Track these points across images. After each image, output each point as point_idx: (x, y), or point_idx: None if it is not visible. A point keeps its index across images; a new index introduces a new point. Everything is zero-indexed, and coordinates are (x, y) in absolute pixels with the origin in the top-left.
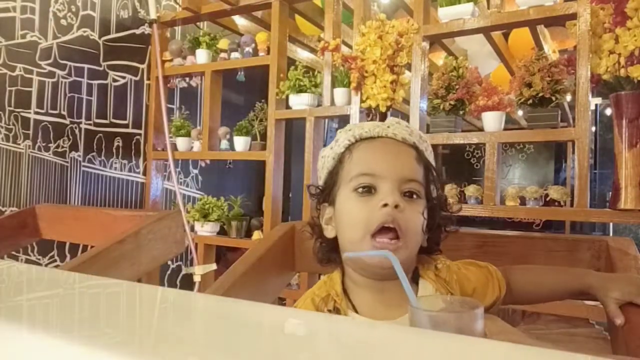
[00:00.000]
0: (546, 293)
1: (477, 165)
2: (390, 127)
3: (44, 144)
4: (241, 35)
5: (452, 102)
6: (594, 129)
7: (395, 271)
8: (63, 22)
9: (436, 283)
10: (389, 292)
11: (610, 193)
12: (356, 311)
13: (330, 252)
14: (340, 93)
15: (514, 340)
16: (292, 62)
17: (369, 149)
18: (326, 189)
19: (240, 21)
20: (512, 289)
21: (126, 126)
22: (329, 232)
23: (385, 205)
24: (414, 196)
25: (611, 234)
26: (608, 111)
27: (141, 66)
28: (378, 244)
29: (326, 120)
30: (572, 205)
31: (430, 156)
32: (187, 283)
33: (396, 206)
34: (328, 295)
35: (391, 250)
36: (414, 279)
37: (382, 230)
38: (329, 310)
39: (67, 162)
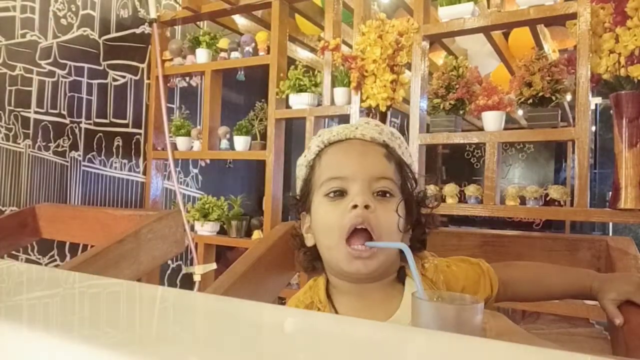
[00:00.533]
0: (544, 292)
1: (477, 165)
2: (358, 128)
3: (44, 144)
4: (241, 34)
5: (452, 102)
6: (593, 128)
7: (409, 265)
8: (63, 21)
9: (422, 282)
10: (370, 296)
11: (610, 193)
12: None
13: (314, 260)
14: (340, 92)
15: (515, 335)
16: (292, 61)
17: (337, 152)
18: (302, 198)
19: (240, 20)
20: (508, 286)
21: (126, 126)
22: (309, 241)
23: (355, 206)
24: (387, 195)
25: (610, 234)
26: (608, 111)
27: (141, 65)
28: (354, 252)
29: (326, 120)
30: (572, 204)
31: (404, 152)
32: (187, 282)
33: (366, 206)
34: (312, 302)
35: (366, 258)
36: (400, 279)
37: (356, 232)
38: None
39: (67, 161)
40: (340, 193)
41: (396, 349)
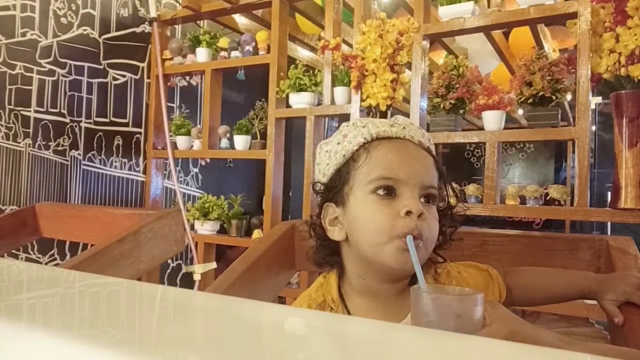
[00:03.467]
0: (546, 297)
1: (477, 164)
2: (406, 129)
3: (44, 143)
4: (241, 33)
5: (453, 101)
6: (593, 128)
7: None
8: (63, 20)
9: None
10: (385, 299)
11: (610, 192)
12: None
13: (331, 255)
14: (340, 92)
15: (515, 323)
16: (292, 60)
17: (390, 151)
18: (333, 188)
19: (240, 20)
20: (512, 292)
21: (126, 125)
22: (336, 234)
23: (409, 212)
24: (431, 202)
25: (609, 234)
26: (607, 111)
27: (141, 65)
28: (404, 243)
29: (326, 119)
30: (572, 204)
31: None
32: (187, 282)
33: (419, 215)
34: (324, 301)
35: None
36: (412, 282)
37: None
38: None
39: (67, 160)
40: (390, 192)
41: (397, 348)
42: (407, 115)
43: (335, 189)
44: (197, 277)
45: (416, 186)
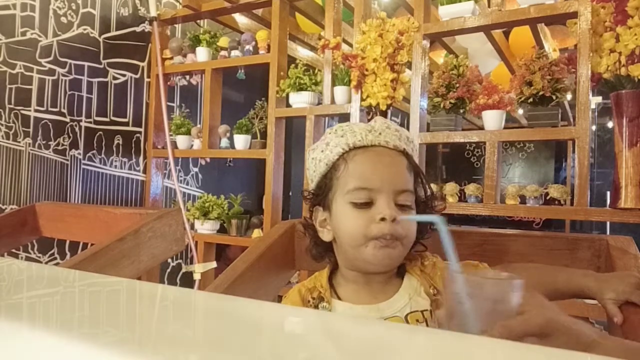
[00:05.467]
0: (543, 293)
1: (477, 164)
2: (381, 134)
3: (44, 142)
4: (241, 33)
5: (453, 101)
6: (593, 127)
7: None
8: (63, 19)
9: (421, 278)
10: (374, 283)
11: (609, 192)
12: (340, 299)
13: (325, 252)
14: (340, 91)
15: (551, 316)
16: (292, 60)
17: (365, 161)
18: (320, 194)
19: (240, 19)
20: None
21: (126, 124)
22: (325, 235)
23: (383, 219)
24: (406, 205)
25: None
26: (607, 110)
27: (141, 64)
28: (381, 242)
29: (326, 119)
30: (572, 204)
31: (416, 156)
32: (187, 281)
33: (393, 219)
34: (314, 286)
35: (392, 247)
36: (400, 274)
37: None
38: (313, 299)
39: (67, 160)
40: (365, 201)
41: (397, 348)
42: (407, 114)
43: (321, 195)
44: (197, 276)
45: (390, 192)
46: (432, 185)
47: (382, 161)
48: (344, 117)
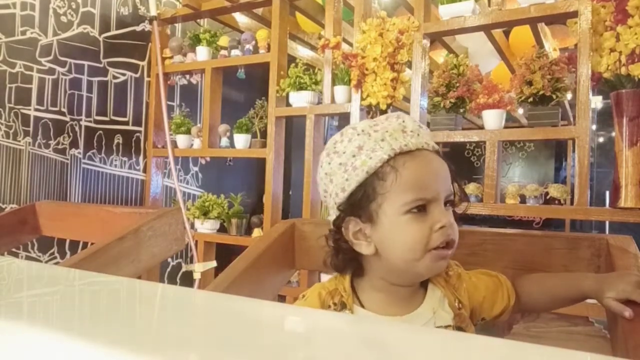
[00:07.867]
0: (549, 301)
1: (477, 164)
2: (420, 135)
3: (44, 141)
4: (241, 32)
5: (453, 100)
6: (594, 127)
7: None
8: (63, 18)
9: (445, 289)
10: (400, 293)
11: (609, 191)
12: (362, 306)
13: (352, 261)
14: (340, 91)
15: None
16: (292, 59)
17: (416, 169)
18: (356, 203)
19: (240, 18)
20: (520, 298)
21: (126, 123)
22: (364, 248)
23: (443, 227)
24: (450, 206)
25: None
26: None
27: (141, 63)
28: (441, 252)
29: (326, 118)
30: (572, 203)
31: None
32: (187, 280)
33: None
34: (336, 289)
35: (447, 257)
36: (423, 284)
37: None
38: (334, 304)
39: (67, 159)
40: (421, 210)
41: (397, 347)
42: (408, 114)
43: (359, 205)
44: (197, 275)
45: (442, 198)
46: None
47: (434, 167)
48: (344, 117)
